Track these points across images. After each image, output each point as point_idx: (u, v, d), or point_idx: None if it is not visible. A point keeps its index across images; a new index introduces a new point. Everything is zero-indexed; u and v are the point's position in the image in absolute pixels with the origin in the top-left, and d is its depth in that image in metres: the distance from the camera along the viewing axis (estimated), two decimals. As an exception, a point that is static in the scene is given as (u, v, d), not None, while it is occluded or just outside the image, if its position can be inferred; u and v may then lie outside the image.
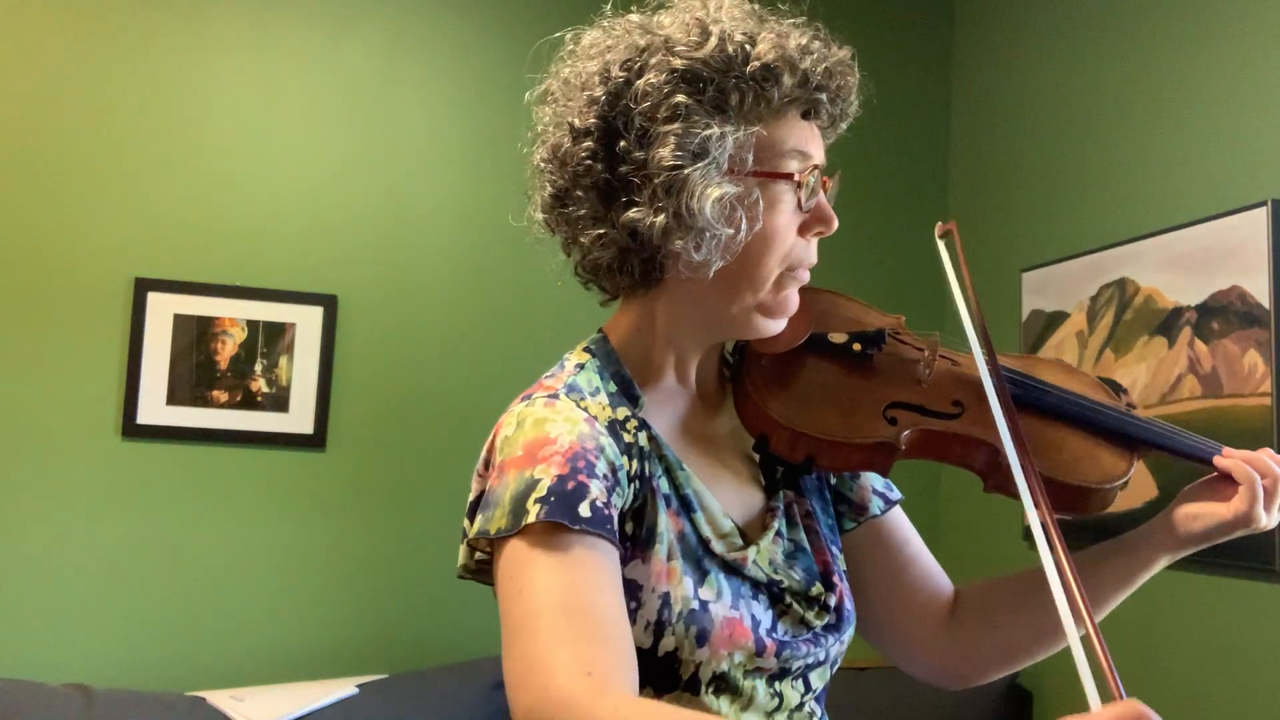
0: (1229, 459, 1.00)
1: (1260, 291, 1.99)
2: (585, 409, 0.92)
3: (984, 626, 1.09)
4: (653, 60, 0.92)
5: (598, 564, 0.82)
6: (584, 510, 0.83)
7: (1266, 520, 0.98)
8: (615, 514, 0.87)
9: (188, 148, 2.52)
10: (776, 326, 1.00)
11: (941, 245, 1.09)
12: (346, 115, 2.63)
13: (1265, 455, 0.99)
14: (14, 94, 2.42)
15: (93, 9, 2.48)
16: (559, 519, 0.81)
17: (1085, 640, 0.74)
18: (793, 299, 1.00)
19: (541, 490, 0.83)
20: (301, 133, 2.60)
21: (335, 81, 2.63)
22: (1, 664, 2.29)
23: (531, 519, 0.82)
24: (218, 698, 2.16)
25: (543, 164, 0.99)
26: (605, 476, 0.87)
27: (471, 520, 0.91)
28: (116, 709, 2.07)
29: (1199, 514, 1.00)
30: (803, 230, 0.97)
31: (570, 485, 0.84)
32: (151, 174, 2.49)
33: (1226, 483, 0.99)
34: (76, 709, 2.04)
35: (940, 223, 1.13)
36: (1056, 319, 2.55)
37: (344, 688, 2.23)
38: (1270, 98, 2.05)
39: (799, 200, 0.95)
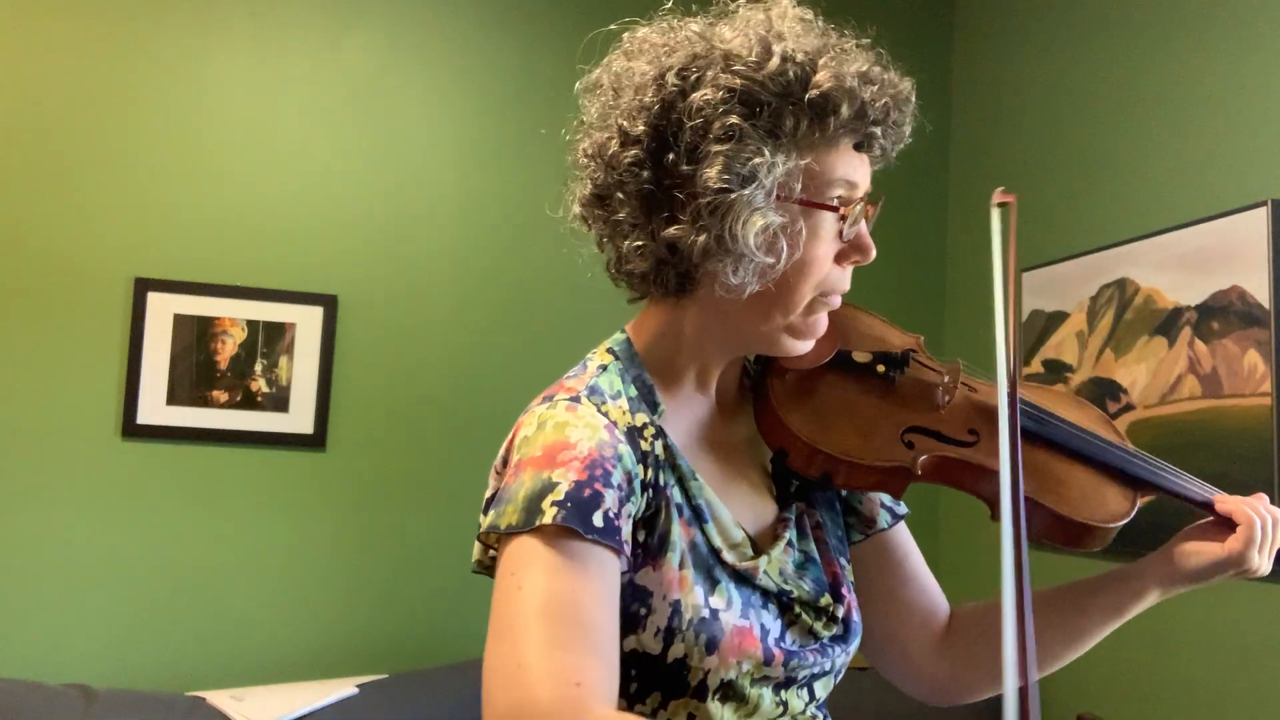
0: (1229, 501, 1.02)
1: (1260, 291, 1.99)
2: (606, 414, 0.92)
3: (975, 647, 1.09)
4: (710, 73, 0.89)
5: (600, 576, 0.82)
6: (597, 520, 0.82)
7: (1259, 562, 1.00)
8: (626, 524, 0.86)
9: (188, 147, 2.51)
10: (804, 347, 0.99)
11: (995, 215, 1.02)
12: (346, 115, 2.63)
13: (1259, 500, 1.02)
14: (14, 94, 2.42)
15: (93, 9, 2.47)
16: (573, 524, 0.81)
17: (1021, 693, 0.70)
18: (822, 322, 0.99)
19: (559, 494, 0.82)
20: (302, 132, 2.60)
21: (335, 81, 2.63)
22: (1, 664, 2.28)
23: (547, 520, 0.81)
24: (218, 698, 2.15)
25: (585, 159, 0.97)
26: (620, 486, 0.87)
27: (486, 516, 0.91)
28: (116, 709, 2.07)
29: (1197, 551, 1.02)
30: (840, 258, 0.96)
31: (587, 493, 0.83)
32: (151, 174, 2.48)
33: (1224, 527, 1.02)
34: (76, 709, 2.03)
35: (1000, 189, 1.03)
36: (1056, 319, 2.55)
37: (344, 688, 2.23)
38: (1270, 98, 2.05)
39: (840, 230, 0.95)
